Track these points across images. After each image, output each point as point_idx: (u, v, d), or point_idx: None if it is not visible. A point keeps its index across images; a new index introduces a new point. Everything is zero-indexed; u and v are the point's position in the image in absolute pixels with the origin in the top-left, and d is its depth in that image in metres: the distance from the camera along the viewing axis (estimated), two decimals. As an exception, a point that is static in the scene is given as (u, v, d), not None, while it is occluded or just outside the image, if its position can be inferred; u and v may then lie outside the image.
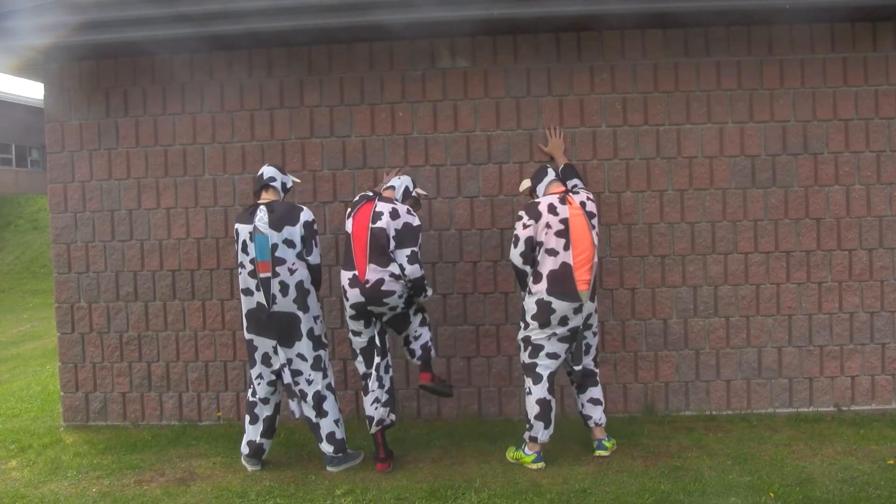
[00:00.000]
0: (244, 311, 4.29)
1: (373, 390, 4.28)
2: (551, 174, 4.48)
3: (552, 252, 4.21)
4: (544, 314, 4.20)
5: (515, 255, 4.36)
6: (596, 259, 4.26)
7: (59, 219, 5.34)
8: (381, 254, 4.22)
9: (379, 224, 4.24)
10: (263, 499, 3.93)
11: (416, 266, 4.24)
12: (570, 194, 4.37)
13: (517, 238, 4.34)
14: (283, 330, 4.22)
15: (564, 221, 4.22)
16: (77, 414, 5.36)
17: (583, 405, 4.46)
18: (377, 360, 4.31)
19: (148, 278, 5.30)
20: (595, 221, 4.31)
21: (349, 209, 4.41)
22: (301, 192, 5.17)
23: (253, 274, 4.19)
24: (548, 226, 4.23)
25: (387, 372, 4.35)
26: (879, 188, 5.03)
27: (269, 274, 4.16)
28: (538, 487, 3.93)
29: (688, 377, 5.12)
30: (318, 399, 4.28)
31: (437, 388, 4.43)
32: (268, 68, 5.20)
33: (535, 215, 4.29)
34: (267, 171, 4.41)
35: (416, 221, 4.33)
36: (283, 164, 5.15)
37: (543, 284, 4.21)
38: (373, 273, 4.19)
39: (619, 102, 5.06)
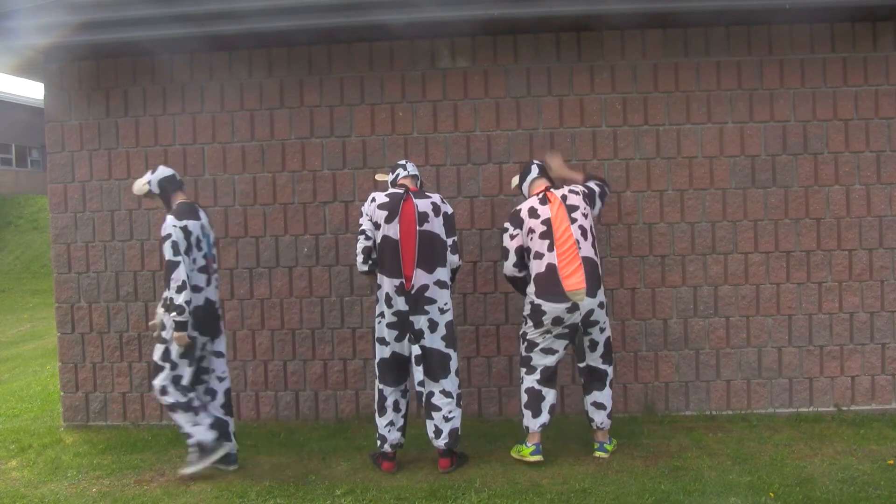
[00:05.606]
0: (189, 309, 4.11)
1: (389, 413, 4.20)
2: (534, 171, 4.43)
3: (538, 255, 4.19)
4: (537, 316, 4.20)
5: (509, 266, 4.33)
6: (588, 253, 4.17)
7: (59, 219, 5.34)
8: (430, 258, 4.12)
9: (427, 227, 4.12)
10: (263, 499, 3.93)
11: (457, 256, 4.25)
12: (552, 191, 4.31)
13: (507, 250, 4.32)
14: (216, 324, 4.36)
15: (546, 222, 4.19)
16: (77, 414, 5.36)
17: (587, 407, 4.43)
18: (398, 381, 4.21)
19: (148, 278, 5.30)
20: (578, 214, 4.22)
21: (383, 211, 4.12)
22: (301, 191, 5.17)
23: (203, 269, 4.28)
24: (531, 230, 4.22)
25: (404, 396, 4.27)
26: (879, 188, 5.03)
27: (215, 268, 4.42)
28: (538, 487, 3.93)
29: (688, 377, 5.12)
30: (230, 397, 4.43)
31: (457, 467, 4.25)
32: (268, 68, 5.20)
33: (518, 223, 4.28)
34: (170, 170, 4.45)
35: (450, 209, 4.29)
36: (283, 164, 5.18)
37: (532, 288, 4.21)
38: (419, 279, 4.10)
39: (619, 102, 5.06)
